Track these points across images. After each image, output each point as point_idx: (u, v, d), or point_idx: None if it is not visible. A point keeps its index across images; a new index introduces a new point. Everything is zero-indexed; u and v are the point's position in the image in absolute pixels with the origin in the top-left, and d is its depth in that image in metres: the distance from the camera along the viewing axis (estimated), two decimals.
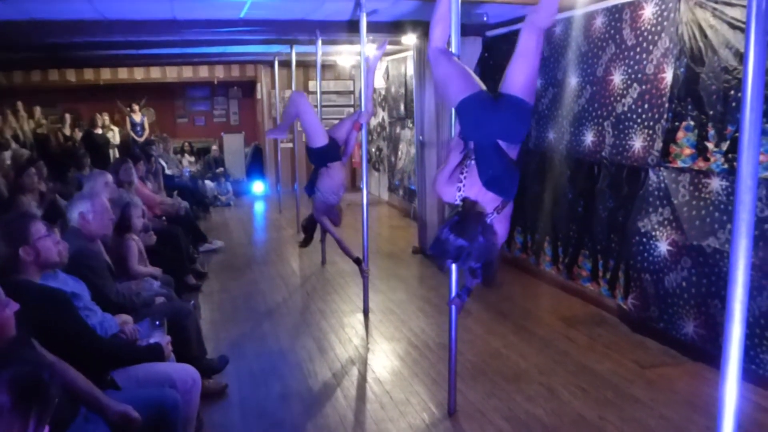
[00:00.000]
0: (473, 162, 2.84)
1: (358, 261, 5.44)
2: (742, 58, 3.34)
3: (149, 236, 4.88)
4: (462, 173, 2.89)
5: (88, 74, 12.33)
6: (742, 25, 3.78)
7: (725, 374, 1.68)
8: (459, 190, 2.88)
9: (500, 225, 2.87)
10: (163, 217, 6.88)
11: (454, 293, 3.51)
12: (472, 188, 2.84)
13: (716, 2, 4.00)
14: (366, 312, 5.46)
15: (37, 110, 11.97)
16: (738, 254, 1.60)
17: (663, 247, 4.57)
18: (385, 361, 4.55)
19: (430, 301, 5.77)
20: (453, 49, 3.28)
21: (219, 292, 6.26)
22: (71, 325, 2.54)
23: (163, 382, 2.72)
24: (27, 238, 2.69)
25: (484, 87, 2.88)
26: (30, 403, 1.43)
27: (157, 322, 2.96)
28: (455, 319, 3.61)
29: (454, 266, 3.47)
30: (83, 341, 2.54)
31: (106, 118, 12.44)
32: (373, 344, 4.86)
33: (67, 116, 12.36)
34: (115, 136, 12.38)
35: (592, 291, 5.45)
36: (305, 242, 6.12)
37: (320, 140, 5.23)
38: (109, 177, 4.99)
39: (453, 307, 3.56)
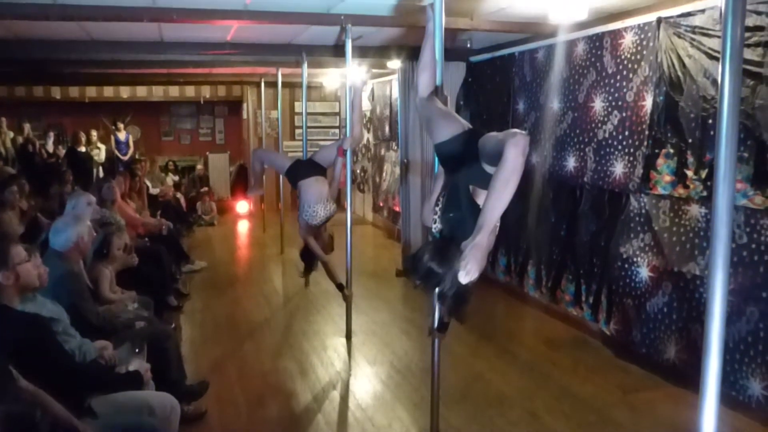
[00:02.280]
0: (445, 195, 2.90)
1: (340, 287, 5.44)
2: (719, 87, 3.41)
3: (131, 257, 4.83)
4: (438, 205, 2.94)
5: (73, 91, 12.28)
6: (719, 55, 3.86)
7: (704, 401, 1.70)
8: (435, 222, 2.92)
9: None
10: (146, 237, 6.84)
11: (436, 321, 3.52)
12: None
13: (694, 32, 4.08)
14: (349, 334, 5.44)
15: (27, 126, 11.89)
16: (715, 285, 1.63)
17: (644, 272, 4.61)
18: (367, 384, 4.54)
19: (413, 322, 5.77)
20: (437, 73, 3.32)
21: (201, 311, 6.22)
22: (49, 351, 2.52)
23: (142, 409, 2.69)
24: (7, 263, 2.67)
25: (466, 127, 2.92)
26: None
27: (137, 349, 2.93)
28: (438, 344, 3.61)
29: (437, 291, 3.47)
30: (61, 368, 2.51)
31: (94, 134, 12.36)
32: (356, 367, 4.84)
33: (51, 133, 12.27)
34: (100, 153, 12.30)
35: (575, 315, 5.48)
36: (306, 271, 6.09)
37: (285, 166, 5.63)
38: (92, 198, 4.96)
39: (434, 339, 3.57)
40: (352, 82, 5.28)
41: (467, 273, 2.40)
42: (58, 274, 3.31)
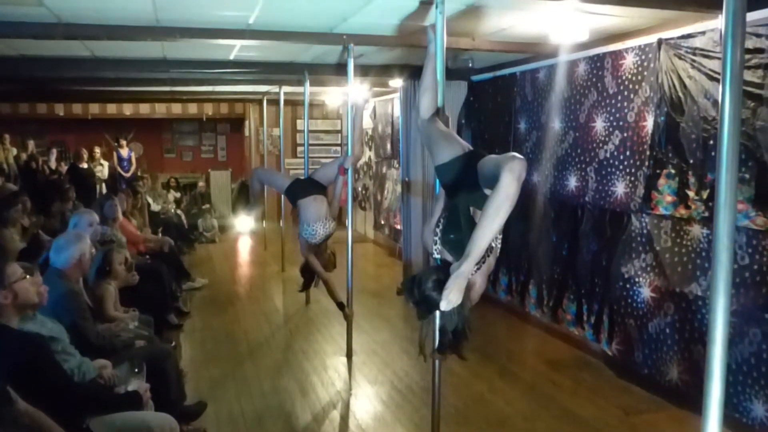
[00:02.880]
0: (446, 217, 2.90)
1: (341, 306, 5.42)
2: (720, 109, 3.41)
3: (132, 276, 4.83)
4: (438, 227, 2.93)
5: (77, 108, 12.36)
6: (719, 76, 3.87)
7: (707, 425, 1.68)
8: (435, 243, 2.92)
9: (479, 278, 2.89)
10: (147, 255, 6.83)
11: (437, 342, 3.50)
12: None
13: (694, 54, 4.10)
14: (349, 353, 5.41)
15: (31, 143, 11.95)
16: (718, 311, 1.62)
17: (646, 292, 4.59)
18: (367, 405, 4.51)
19: (415, 341, 5.70)
20: (439, 94, 3.32)
21: (201, 330, 6.19)
22: (48, 371, 2.50)
23: (140, 430, 2.67)
24: (3, 281, 2.66)
25: (466, 149, 2.92)
26: None
27: (136, 369, 2.92)
28: (439, 365, 3.59)
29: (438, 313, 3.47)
30: (60, 387, 2.50)
31: (97, 151, 12.41)
32: (356, 387, 4.81)
33: (54, 150, 12.32)
34: (103, 170, 12.33)
35: (577, 335, 5.45)
36: (304, 286, 6.07)
37: (285, 185, 5.66)
38: (95, 217, 4.97)
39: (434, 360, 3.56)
40: (353, 101, 5.30)
41: (448, 302, 2.39)
42: (58, 292, 3.30)
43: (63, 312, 3.29)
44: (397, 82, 7.36)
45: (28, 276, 2.78)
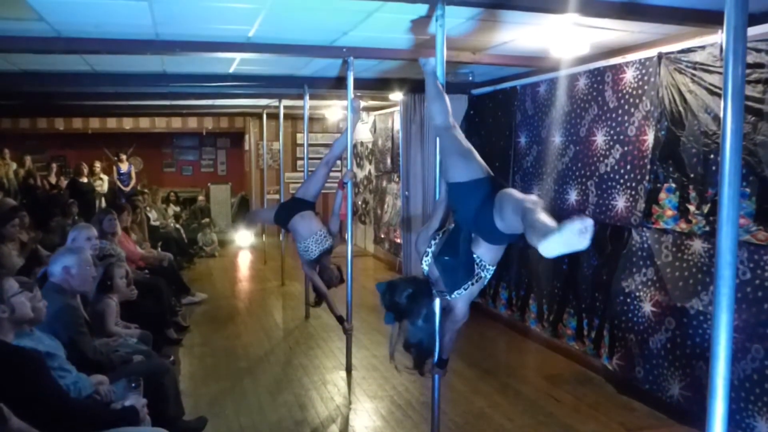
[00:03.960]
0: (446, 232, 2.89)
1: (340, 319, 5.38)
2: (720, 122, 3.41)
3: (130, 290, 4.80)
4: (434, 239, 2.91)
5: (77, 122, 12.38)
6: (720, 91, 3.87)
7: None
8: (426, 254, 2.90)
9: (461, 302, 2.89)
10: (146, 269, 6.80)
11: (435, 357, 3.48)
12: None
13: (695, 68, 4.10)
14: (349, 369, 5.37)
15: (28, 159, 11.97)
16: (720, 327, 1.60)
17: (647, 307, 4.57)
18: (367, 420, 4.46)
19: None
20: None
21: (200, 345, 6.15)
22: (43, 387, 2.47)
23: None
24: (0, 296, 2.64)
25: (486, 173, 2.86)
26: None
27: (134, 384, 2.88)
28: (438, 380, 3.56)
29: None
30: (55, 404, 2.46)
31: (97, 166, 12.41)
32: (356, 402, 4.77)
33: (54, 165, 12.33)
34: (103, 184, 12.34)
35: (578, 350, 5.42)
36: (316, 302, 5.97)
37: (272, 216, 5.77)
38: (93, 231, 4.94)
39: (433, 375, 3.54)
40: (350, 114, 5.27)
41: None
42: (55, 307, 3.27)
43: (60, 327, 3.26)
44: (397, 96, 7.37)
45: (24, 291, 2.76)
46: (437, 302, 3.25)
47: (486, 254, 2.83)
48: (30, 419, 2.23)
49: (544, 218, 2.17)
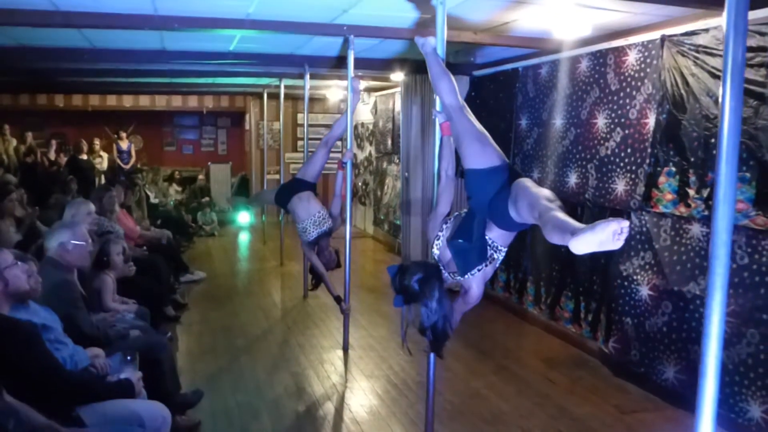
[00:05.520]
0: (458, 216, 2.89)
1: (338, 299, 5.39)
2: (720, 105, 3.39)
3: (128, 267, 4.81)
4: (446, 223, 2.91)
5: (77, 100, 12.31)
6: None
7: (699, 423, 1.66)
8: (437, 238, 2.90)
9: (474, 283, 2.88)
10: (144, 247, 6.81)
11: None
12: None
13: (697, 51, 4.07)
14: (346, 348, 5.39)
15: (29, 136, 11.94)
16: (713, 307, 1.60)
17: (644, 291, 4.57)
18: (363, 399, 4.49)
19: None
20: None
21: (198, 323, 6.17)
22: (38, 358, 2.48)
23: (131, 420, 2.65)
24: None
25: (503, 160, 2.86)
26: None
27: (129, 357, 2.89)
28: (434, 359, 3.57)
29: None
30: (49, 375, 2.47)
31: (96, 143, 12.39)
32: (352, 381, 4.80)
33: (54, 141, 12.30)
34: (103, 162, 12.31)
35: (574, 332, 5.43)
36: (314, 285, 5.91)
37: (272, 197, 5.85)
38: (92, 207, 4.93)
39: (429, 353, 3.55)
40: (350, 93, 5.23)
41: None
42: (52, 282, 3.28)
43: (56, 301, 3.26)
44: (398, 77, 7.33)
45: (19, 263, 2.75)
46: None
47: (499, 237, 2.84)
48: (25, 391, 2.23)
49: (565, 217, 2.23)
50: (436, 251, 2.97)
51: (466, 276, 2.84)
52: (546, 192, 2.50)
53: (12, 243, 4.95)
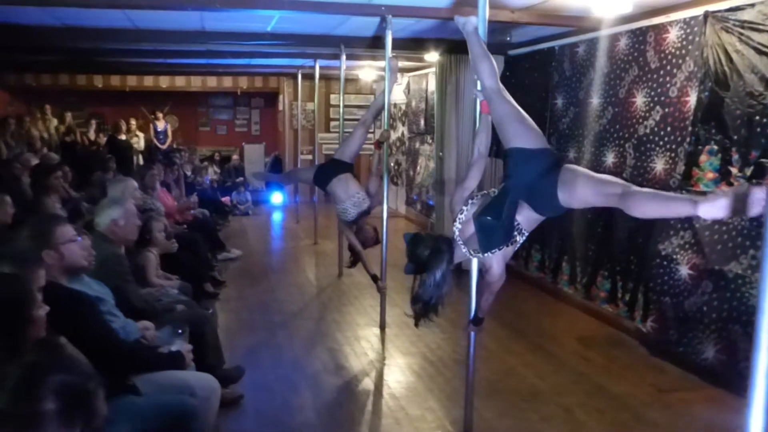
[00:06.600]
0: (486, 195, 2.91)
1: (375, 278, 5.43)
2: None
3: (171, 243, 4.92)
4: (472, 199, 2.93)
5: (115, 80, 12.53)
6: None
7: (751, 404, 1.66)
8: (461, 212, 2.92)
9: (495, 262, 2.91)
10: (184, 225, 6.94)
11: (472, 314, 3.53)
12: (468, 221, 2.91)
13: (743, 27, 4.00)
14: (382, 326, 5.46)
15: (69, 116, 12.18)
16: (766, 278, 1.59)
17: (684, 270, 4.54)
18: (400, 375, 4.55)
19: (446, 316, 5.64)
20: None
21: (236, 299, 6.29)
22: (96, 328, 2.58)
23: (183, 389, 2.74)
24: (51, 242, 2.71)
25: (547, 144, 2.90)
26: (75, 411, 1.46)
27: (179, 331, 2.98)
28: (474, 336, 3.61)
29: (474, 286, 3.50)
30: (107, 345, 2.57)
31: (133, 123, 12.60)
32: (389, 358, 4.86)
33: (93, 121, 12.55)
34: (140, 141, 12.53)
35: (610, 312, 5.42)
36: (352, 262, 5.97)
37: (311, 176, 5.81)
38: (136, 183, 5.05)
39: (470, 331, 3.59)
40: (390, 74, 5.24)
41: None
42: (103, 256, 3.37)
43: (107, 275, 3.35)
44: (433, 57, 7.30)
45: (78, 239, 2.84)
46: (474, 263, 3.30)
47: (525, 221, 2.87)
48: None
49: (664, 192, 2.44)
50: (458, 225, 2.97)
51: (486, 254, 2.87)
52: (611, 177, 2.58)
53: (64, 216, 5.08)
